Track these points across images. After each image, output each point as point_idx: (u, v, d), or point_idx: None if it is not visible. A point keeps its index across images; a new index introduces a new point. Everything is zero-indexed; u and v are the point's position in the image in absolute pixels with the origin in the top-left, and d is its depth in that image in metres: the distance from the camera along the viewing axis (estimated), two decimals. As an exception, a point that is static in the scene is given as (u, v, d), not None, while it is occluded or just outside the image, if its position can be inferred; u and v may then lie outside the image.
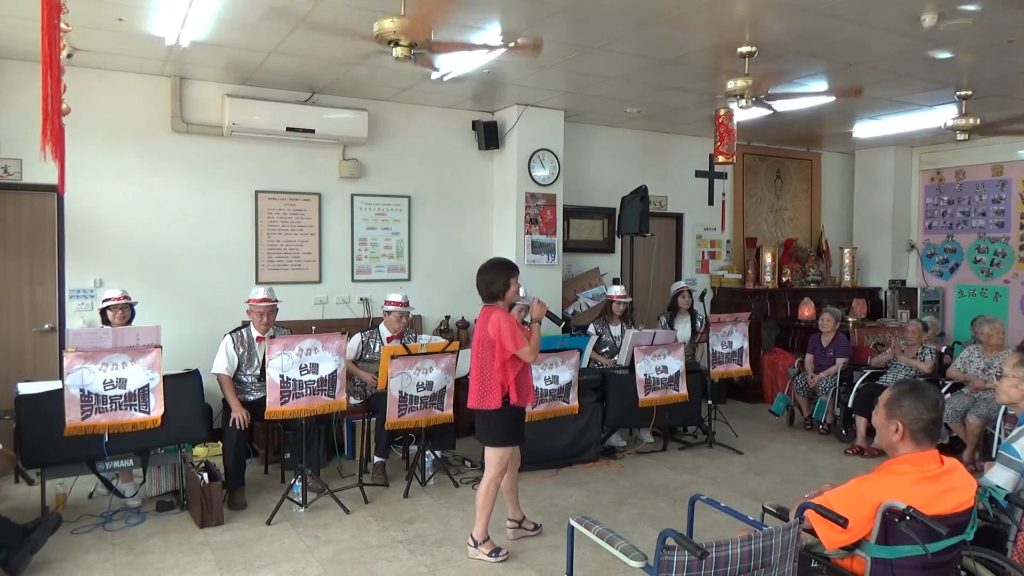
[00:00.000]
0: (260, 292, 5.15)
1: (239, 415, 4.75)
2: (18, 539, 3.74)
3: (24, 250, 5.68)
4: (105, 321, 5.08)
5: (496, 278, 3.98)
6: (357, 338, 5.55)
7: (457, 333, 7.00)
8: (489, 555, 3.98)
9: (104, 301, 5.14)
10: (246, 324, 5.18)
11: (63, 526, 4.21)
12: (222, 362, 4.98)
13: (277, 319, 5.23)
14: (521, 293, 4.27)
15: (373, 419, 5.40)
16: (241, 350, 5.05)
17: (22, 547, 3.72)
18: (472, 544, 4.04)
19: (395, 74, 5.92)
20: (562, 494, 5.08)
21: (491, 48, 4.96)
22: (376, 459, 5.25)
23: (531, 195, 7.19)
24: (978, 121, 6.17)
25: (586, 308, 7.90)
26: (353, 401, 5.39)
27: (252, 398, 4.99)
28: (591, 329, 6.63)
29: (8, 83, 5.47)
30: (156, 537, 4.29)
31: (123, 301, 5.09)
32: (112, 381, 4.36)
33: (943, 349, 7.14)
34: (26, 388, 4.45)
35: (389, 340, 5.46)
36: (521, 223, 7.16)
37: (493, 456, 4.02)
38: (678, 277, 8.58)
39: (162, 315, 5.55)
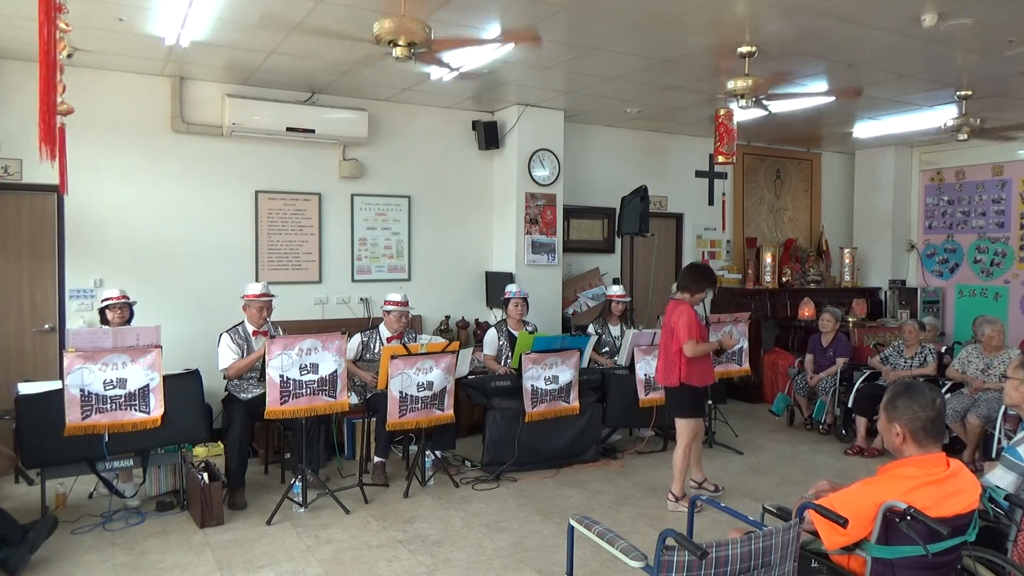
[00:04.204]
0: (258, 287, 5.19)
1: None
2: (20, 536, 3.74)
3: (24, 250, 5.68)
4: (104, 321, 5.08)
5: (701, 278, 4.79)
6: (357, 338, 5.55)
7: (457, 333, 6.99)
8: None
9: (103, 301, 5.14)
10: (240, 323, 5.20)
11: (63, 526, 4.22)
12: (228, 355, 5.00)
13: (274, 319, 5.24)
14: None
15: (373, 419, 5.40)
16: (240, 344, 5.06)
17: (22, 544, 3.72)
18: (672, 499, 4.77)
19: (395, 74, 5.92)
20: (562, 494, 5.08)
21: (490, 42, 4.96)
22: (376, 459, 5.25)
23: (531, 195, 7.18)
24: (978, 121, 6.17)
25: (586, 308, 7.90)
26: (353, 400, 5.38)
27: (250, 395, 5.00)
28: (590, 329, 6.63)
29: (8, 83, 5.47)
30: (156, 537, 4.28)
31: (121, 300, 5.09)
32: (112, 381, 4.36)
33: (943, 349, 7.13)
34: (26, 388, 4.45)
35: (389, 340, 5.46)
36: (521, 223, 7.15)
37: (683, 426, 4.73)
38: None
39: (162, 315, 5.55)
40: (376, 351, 5.51)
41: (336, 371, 4.71)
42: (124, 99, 5.88)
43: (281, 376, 4.54)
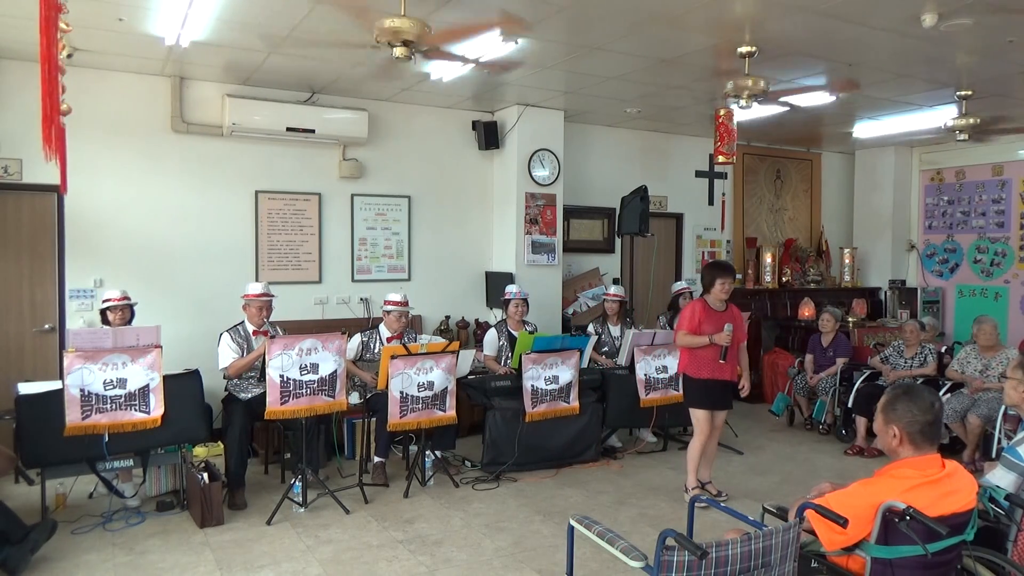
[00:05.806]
0: (258, 287, 5.20)
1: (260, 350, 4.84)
2: (22, 535, 3.75)
3: (24, 250, 5.68)
4: (105, 322, 5.08)
5: (705, 275, 4.92)
6: (357, 338, 5.55)
7: (457, 333, 6.99)
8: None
9: (104, 301, 5.13)
10: (240, 323, 5.20)
11: (63, 526, 4.22)
12: (228, 354, 4.99)
13: (274, 319, 5.24)
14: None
15: (373, 419, 5.40)
16: (240, 344, 5.06)
17: (23, 544, 3.73)
18: (687, 492, 4.89)
19: (395, 74, 5.92)
20: (562, 494, 5.08)
21: (477, 63, 5.05)
22: (376, 459, 5.25)
23: (531, 195, 7.18)
24: (978, 121, 6.17)
25: (586, 308, 7.90)
26: (353, 400, 5.38)
27: (250, 395, 5.00)
28: (590, 329, 6.63)
29: (8, 83, 5.47)
30: (156, 537, 4.29)
31: (123, 302, 5.09)
32: (112, 381, 4.36)
33: (943, 349, 7.13)
34: (26, 388, 4.45)
35: (389, 340, 5.46)
36: (521, 223, 7.15)
37: (693, 416, 4.89)
38: (678, 277, 8.57)
39: (162, 315, 5.54)
40: (376, 351, 5.51)
41: (336, 371, 4.71)
42: (124, 99, 5.88)
43: (281, 376, 4.54)
